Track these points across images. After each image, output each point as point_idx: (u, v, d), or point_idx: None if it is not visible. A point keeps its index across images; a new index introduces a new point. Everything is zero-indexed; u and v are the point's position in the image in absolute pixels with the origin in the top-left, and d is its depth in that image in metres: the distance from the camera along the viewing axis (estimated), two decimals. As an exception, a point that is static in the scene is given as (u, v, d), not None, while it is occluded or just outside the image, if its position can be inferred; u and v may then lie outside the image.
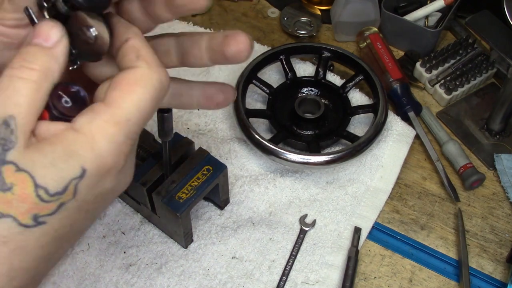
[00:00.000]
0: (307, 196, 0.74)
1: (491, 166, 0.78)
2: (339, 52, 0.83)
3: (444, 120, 0.83)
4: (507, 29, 0.78)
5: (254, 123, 0.76)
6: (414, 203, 0.75)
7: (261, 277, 0.67)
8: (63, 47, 0.39)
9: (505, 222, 0.74)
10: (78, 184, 0.37)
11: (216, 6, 0.97)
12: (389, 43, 0.90)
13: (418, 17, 0.89)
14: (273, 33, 0.94)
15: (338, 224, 0.72)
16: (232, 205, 0.73)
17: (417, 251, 0.71)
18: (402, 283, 0.68)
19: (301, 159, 0.72)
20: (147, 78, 0.38)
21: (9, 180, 0.35)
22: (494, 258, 0.70)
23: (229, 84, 0.49)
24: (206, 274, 0.67)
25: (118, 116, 0.37)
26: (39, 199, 0.36)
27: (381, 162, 0.76)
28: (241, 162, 0.76)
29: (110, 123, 0.37)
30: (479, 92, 0.86)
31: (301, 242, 0.70)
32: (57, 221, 0.37)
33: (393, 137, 0.78)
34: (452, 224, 0.73)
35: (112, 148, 0.38)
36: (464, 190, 0.76)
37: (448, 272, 0.69)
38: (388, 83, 0.82)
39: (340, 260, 0.69)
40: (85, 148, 0.37)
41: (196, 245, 0.69)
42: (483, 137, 0.81)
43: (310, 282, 0.67)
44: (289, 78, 0.83)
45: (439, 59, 0.85)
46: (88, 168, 0.37)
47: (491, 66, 0.85)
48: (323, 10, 0.95)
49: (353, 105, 0.81)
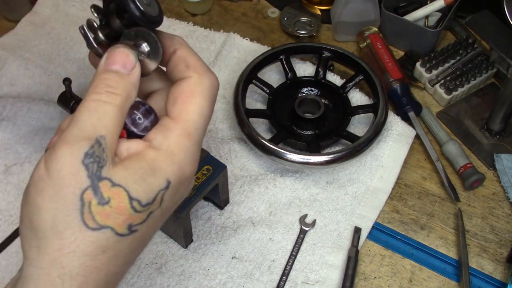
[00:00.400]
0: (307, 196, 0.74)
1: (491, 166, 0.78)
2: (339, 52, 0.83)
3: (444, 120, 0.83)
4: (507, 29, 0.78)
5: (254, 123, 0.76)
6: (414, 203, 0.75)
7: (261, 277, 0.67)
8: (138, 73, 0.43)
9: (505, 222, 0.74)
10: (164, 195, 0.41)
11: (216, 6, 0.97)
12: (389, 43, 0.90)
13: (418, 17, 0.89)
14: (273, 33, 0.94)
15: (338, 224, 0.71)
16: (232, 205, 0.73)
17: (417, 251, 0.71)
18: (402, 283, 0.68)
19: (301, 159, 0.72)
20: (201, 86, 0.43)
21: (106, 194, 0.39)
22: (494, 258, 0.70)
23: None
24: (206, 274, 0.67)
25: (188, 128, 0.42)
26: (133, 210, 0.40)
27: (381, 162, 0.76)
28: (241, 162, 0.76)
29: (183, 136, 0.42)
30: (479, 92, 0.86)
31: (301, 242, 0.70)
32: (146, 228, 0.41)
33: (393, 137, 0.78)
34: (452, 224, 0.73)
35: (188, 159, 0.43)
36: (464, 190, 0.76)
37: (448, 272, 0.69)
38: (388, 83, 0.82)
39: (340, 260, 0.69)
40: (167, 163, 0.41)
41: (196, 245, 0.69)
42: (483, 137, 0.81)
43: (310, 282, 0.67)
44: (289, 78, 0.83)
45: (439, 59, 0.85)
46: (172, 180, 0.41)
47: (491, 66, 0.85)
48: (323, 10, 0.95)
49: (353, 105, 0.81)
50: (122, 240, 0.40)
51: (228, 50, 0.88)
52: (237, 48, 0.88)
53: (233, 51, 0.88)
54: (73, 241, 0.38)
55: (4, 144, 0.76)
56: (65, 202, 0.39)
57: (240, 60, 0.87)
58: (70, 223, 0.38)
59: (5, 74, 0.84)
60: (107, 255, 0.39)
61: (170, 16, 0.94)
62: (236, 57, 0.87)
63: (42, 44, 0.88)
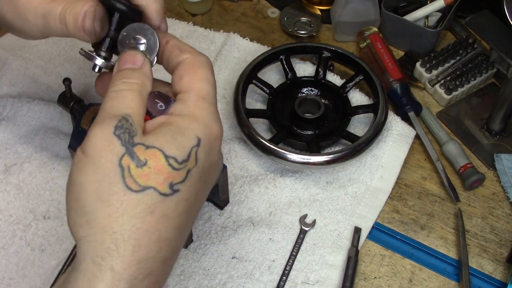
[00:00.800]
0: (307, 196, 0.74)
1: (491, 166, 0.78)
2: (339, 52, 0.83)
3: (444, 120, 0.83)
4: (507, 29, 0.78)
5: (254, 123, 0.76)
6: (414, 203, 0.75)
7: (261, 277, 0.67)
8: (149, 66, 0.48)
9: (505, 222, 0.74)
10: (197, 152, 0.43)
11: (216, 6, 0.97)
12: (389, 43, 0.90)
13: (418, 17, 0.89)
14: (273, 33, 0.94)
15: (338, 224, 0.71)
16: (232, 205, 0.73)
17: (417, 251, 0.71)
18: (402, 283, 0.68)
19: (301, 159, 0.72)
20: (199, 60, 0.47)
21: (143, 156, 0.41)
22: (494, 258, 0.70)
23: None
24: (206, 274, 0.67)
25: (201, 93, 0.46)
26: (171, 168, 0.41)
27: (381, 162, 0.76)
28: (241, 162, 0.76)
29: (200, 99, 0.45)
30: (479, 92, 0.86)
31: (301, 242, 0.70)
32: (187, 188, 0.42)
33: (393, 137, 0.78)
34: (452, 224, 0.73)
35: (211, 118, 0.45)
36: (464, 190, 0.76)
37: (448, 272, 0.69)
38: (388, 83, 0.82)
39: (340, 260, 0.69)
40: (193, 123, 0.44)
41: (196, 245, 0.69)
42: (483, 137, 0.81)
43: (310, 282, 0.67)
44: (289, 78, 0.83)
45: (439, 59, 0.85)
46: (202, 136, 0.44)
47: (491, 66, 0.85)
48: (323, 10, 0.95)
49: (353, 105, 0.81)
50: (166, 200, 0.41)
51: (228, 50, 0.88)
52: (237, 48, 0.88)
53: (233, 51, 0.88)
54: (120, 205, 0.40)
55: (4, 144, 0.76)
56: (106, 172, 0.40)
57: (240, 60, 0.87)
58: (114, 189, 0.40)
59: (5, 74, 0.84)
60: (155, 216, 0.41)
61: (170, 16, 0.94)
62: (236, 57, 0.87)
63: (42, 44, 0.88)
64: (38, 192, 0.72)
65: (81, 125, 0.67)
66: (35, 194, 0.72)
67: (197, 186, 0.44)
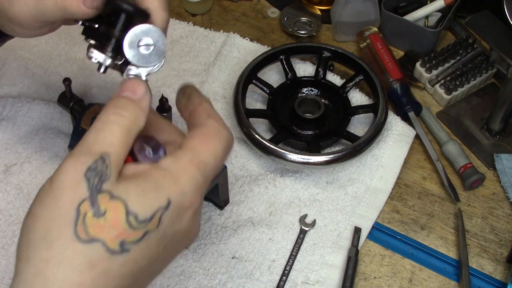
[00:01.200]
0: (307, 196, 0.74)
1: (491, 166, 0.78)
2: (339, 52, 0.83)
3: (444, 120, 0.83)
4: (507, 29, 0.78)
5: (254, 123, 0.76)
6: (414, 203, 0.75)
7: (261, 277, 0.67)
8: (147, 101, 0.45)
9: (505, 222, 0.74)
10: (163, 215, 0.40)
11: (216, 6, 0.97)
12: (389, 43, 0.90)
13: (418, 17, 0.89)
14: (273, 33, 0.94)
15: (338, 224, 0.71)
16: (232, 205, 0.73)
17: (417, 251, 0.71)
18: (402, 283, 0.68)
19: (301, 159, 0.72)
20: (221, 133, 0.45)
21: (104, 206, 0.39)
22: (494, 258, 0.70)
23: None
24: (206, 274, 0.67)
25: (199, 159, 0.43)
26: (128, 225, 0.39)
27: (381, 162, 0.76)
28: (241, 162, 0.76)
29: (193, 164, 0.42)
30: (479, 92, 0.86)
31: (301, 242, 0.70)
32: (140, 250, 0.40)
33: (393, 137, 0.78)
34: (452, 224, 0.73)
35: (193, 187, 0.42)
36: (464, 190, 0.76)
37: (448, 272, 0.69)
38: (388, 83, 0.82)
39: (340, 260, 0.69)
40: (171, 184, 0.41)
41: (196, 245, 0.69)
42: (483, 137, 0.81)
43: (310, 282, 0.67)
44: (289, 78, 0.83)
45: (439, 59, 0.85)
46: (173, 200, 0.41)
47: (491, 66, 0.85)
48: (323, 10, 0.95)
49: (353, 105, 0.81)
50: (113, 258, 0.38)
51: (228, 50, 0.88)
52: (237, 48, 0.88)
53: (233, 51, 0.88)
54: (61, 252, 0.37)
55: (4, 144, 0.76)
56: (61, 212, 0.38)
57: (240, 60, 0.87)
58: (62, 233, 0.38)
59: (5, 74, 0.84)
60: (95, 271, 0.38)
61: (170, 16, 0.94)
62: (236, 57, 0.87)
63: (42, 44, 0.88)
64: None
65: (81, 125, 0.67)
66: (35, 194, 0.71)
67: (153, 251, 0.41)
